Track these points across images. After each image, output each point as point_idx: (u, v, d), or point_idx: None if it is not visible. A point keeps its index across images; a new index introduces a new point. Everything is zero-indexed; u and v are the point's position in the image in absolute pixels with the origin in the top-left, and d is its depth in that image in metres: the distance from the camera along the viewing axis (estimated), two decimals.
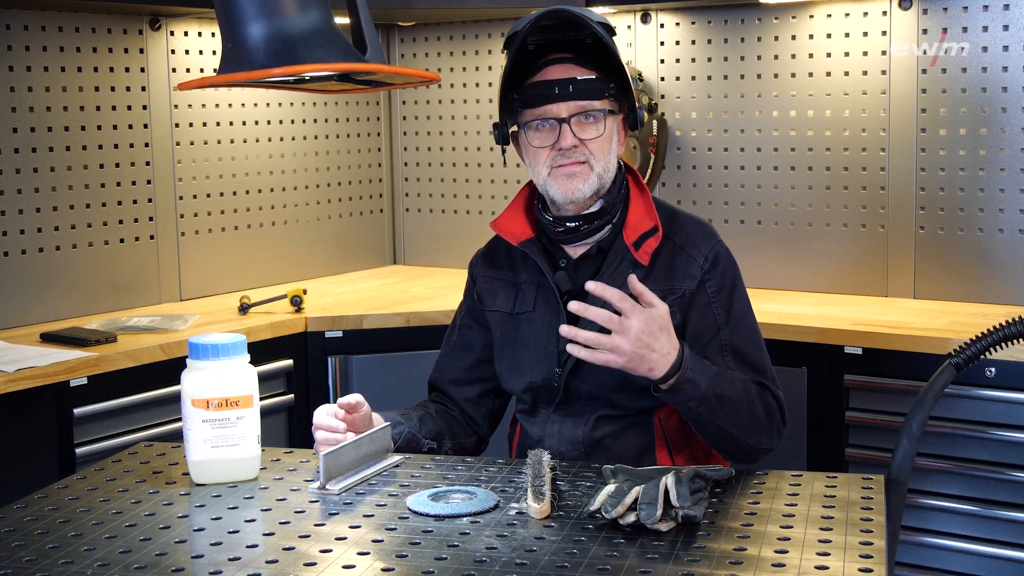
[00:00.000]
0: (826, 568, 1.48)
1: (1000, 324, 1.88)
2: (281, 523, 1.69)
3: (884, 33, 3.33)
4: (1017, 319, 1.87)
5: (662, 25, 3.68)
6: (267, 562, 1.54)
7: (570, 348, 1.88)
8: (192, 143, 3.64)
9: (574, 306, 1.88)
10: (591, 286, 1.89)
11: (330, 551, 1.58)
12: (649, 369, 1.90)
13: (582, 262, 2.17)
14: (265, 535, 1.65)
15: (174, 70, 3.57)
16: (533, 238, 2.19)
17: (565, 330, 1.88)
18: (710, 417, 1.97)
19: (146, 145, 3.51)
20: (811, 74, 3.46)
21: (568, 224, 2.14)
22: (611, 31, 2.11)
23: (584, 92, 2.08)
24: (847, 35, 3.39)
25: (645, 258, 2.12)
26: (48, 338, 2.98)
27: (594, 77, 2.10)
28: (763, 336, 2.17)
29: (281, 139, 3.91)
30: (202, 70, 3.64)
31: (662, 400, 2.00)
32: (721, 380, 1.99)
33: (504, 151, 2.22)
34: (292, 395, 3.26)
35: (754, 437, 2.03)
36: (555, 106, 2.08)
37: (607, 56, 2.10)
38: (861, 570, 1.47)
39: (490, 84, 4.05)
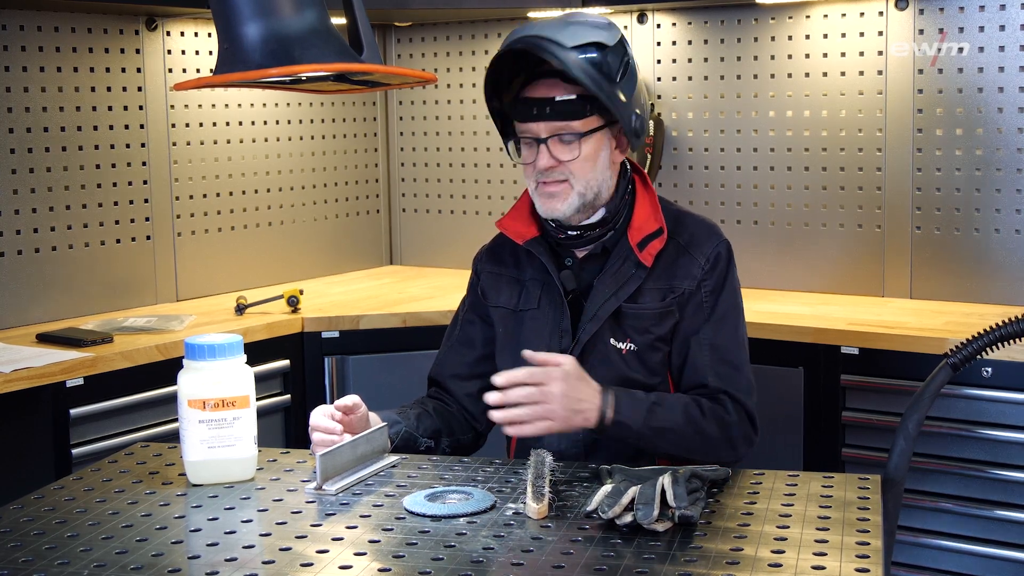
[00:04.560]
0: (823, 568, 1.48)
1: (996, 324, 1.88)
2: (278, 523, 1.69)
3: (880, 33, 3.33)
4: (1013, 319, 1.87)
5: (659, 25, 3.68)
6: (264, 563, 1.54)
7: (507, 430, 1.86)
8: (188, 143, 3.64)
9: (491, 398, 1.87)
10: (489, 398, 1.90)
11: (327, 552, 1.57)
12: (585, 420, 1.95)
13: (587, 261, 2.18)
14: (262, 535, 1.65)
15: (170, 70, 3.57)
16: (538, 236, 2.20)
17: (492, 401, 1.88)
18: (652, 448, 2.02)
19: (142, 145, 3.51)
20: (807, 74, 3.46)
21: (570, 232, 2.15)
22: (598, 47, 2.02)
23: (561, 114, 2.06)
24: (843, 35, 3.39)
25: (648, 260, 2.12)
26: (44, 339, 2.98)
27: (574, 97, 2.05)
28: (759, 336, 2.17)
29: (278, 139, 3.91)
30: (198, 70, 3.63)
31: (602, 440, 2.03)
32: (658, 411, 2.01)
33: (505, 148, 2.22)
34: (288, 395, 3.25)
35: (709, 455, 2.03)
36: (535, 125, 2.08)
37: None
38: (858, 570, 1.47)
39: None
